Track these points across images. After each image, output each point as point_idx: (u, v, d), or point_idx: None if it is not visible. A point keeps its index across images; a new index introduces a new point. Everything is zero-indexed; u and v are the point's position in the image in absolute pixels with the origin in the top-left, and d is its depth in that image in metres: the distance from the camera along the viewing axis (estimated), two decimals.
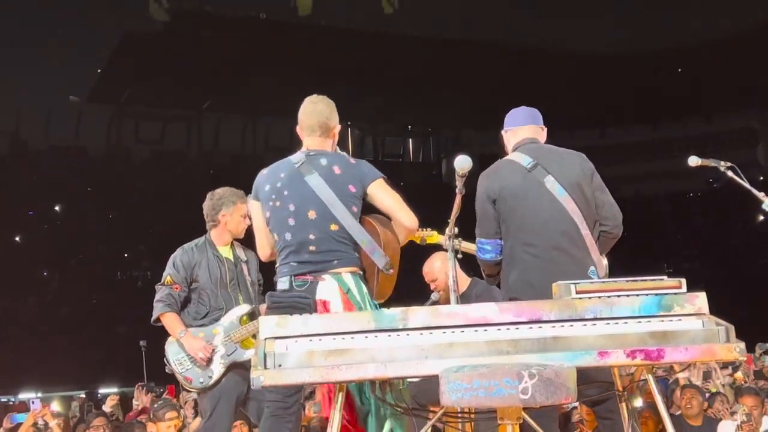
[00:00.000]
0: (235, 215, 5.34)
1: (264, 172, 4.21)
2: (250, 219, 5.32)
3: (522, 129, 4.31)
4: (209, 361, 5.11)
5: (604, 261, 4.26)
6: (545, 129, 4.37)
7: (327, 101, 4.20)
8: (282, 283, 4.04)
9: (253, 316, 5.26)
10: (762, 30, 33.22)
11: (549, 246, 4.02)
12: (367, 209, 4.09)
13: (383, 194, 4.03)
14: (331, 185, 3.95)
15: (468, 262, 4.60)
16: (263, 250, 4.26)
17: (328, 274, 3.92)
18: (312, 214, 3.96)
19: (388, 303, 3.99)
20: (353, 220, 3.94)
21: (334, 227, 3.94)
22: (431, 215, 5.42)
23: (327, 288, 3.91)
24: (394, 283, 4.03)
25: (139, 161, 35.45)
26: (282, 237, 4.04)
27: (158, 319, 5.25)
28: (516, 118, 4.35)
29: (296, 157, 4.12)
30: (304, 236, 3.97)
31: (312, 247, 3.96)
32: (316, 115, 4.14)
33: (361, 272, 4.02)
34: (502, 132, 4.40)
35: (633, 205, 27.75)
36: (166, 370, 5.29)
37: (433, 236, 5.12)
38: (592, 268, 4.02)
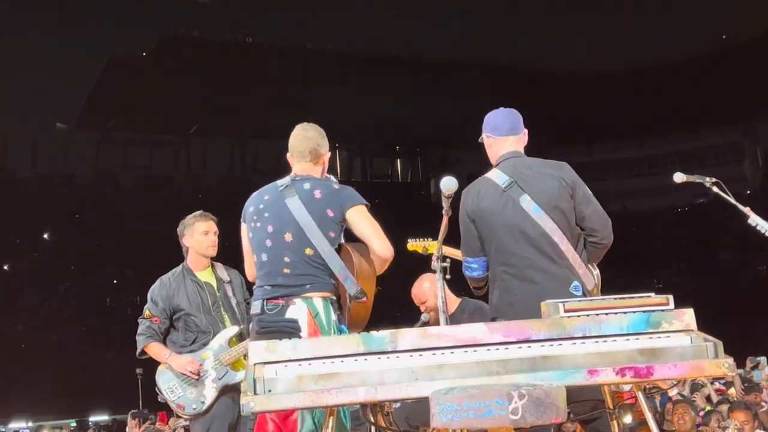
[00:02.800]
0: (195, 235, 5.39)
1: (252, 194, 4.24)
2: (215, 236, 5.38)
3: (503, 140, 4.28)
4: (200, 376, 5.11)
5: (596, 271, 4.24)
6: (526, 132, 4.32)
7: (317, 129, 4.22)
8: (255, 306, 4.06)
9: (241, 337, 5.27)
10: (745, 46, 33.53)
11: (526, 265, 4.01)
12: (351, 238, 4.09)
13: (361, 221, 4.01)
14: (309, 209, 3.96)
15: (457, 282, 4.60)
16: (249, 270, 4.26)
17: (299, 298, 3.93)
18: (288, 237, 3.97)
19: (380, 325, 3.98)
20: (328, 246, 3.93)
21: (309, 251, 3.94)
22: (420, 235, 5.44)
23: (296, 311, 3.91)
24: (369, 312, 3.99)
25: (126, 187, 35.39)
26: (260, 258, 4.07)
27: (143, 352, 5.30)
28: (498, 126, 4.29)
29: (282, 181, 4.15)
30: (280, 258, 3.98)
31: (286, 270, 3.97)
32: (307, 142, 4.16)
33: (335, 298, 4.01)
34: (483, 136, 4.35)
35: (621, 221, 27.73)
36: (159, 399, 5.29)
37: (434, 246, 5.09)
38: (575, 283, 4.00)
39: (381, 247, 3.96)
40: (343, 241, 4.06)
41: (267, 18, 32.69)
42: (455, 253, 4.45)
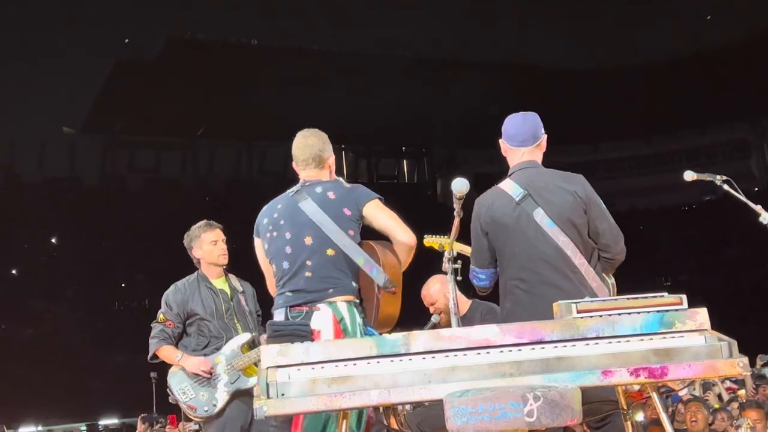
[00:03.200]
0: (204, 245, 5.42)
1: (264, 208, 4.21)
2: (223, 242, 5.40)
3: (517, 151, 4.23)
4: (212, 377, 5.13)
5: (611, 280, 4.22)
6: (545, 137, 4.27)
7: (318, 134, 4.20)
8: (278, 314, 4.01)
9: (253, 344, 5.29)
10: (752, 42, 33.44)
11: (538, 281, 3.98)
12: (369, 236, 4.07)
13: (379, 214, 4.00)
14: (325, 210, 3.94)
15: (467, 283, 4.59)
16: (270, 285, 4.19)
17: (323, 303, 3.88)
18: (308, 240, 3.94)
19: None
20: (350, 241, 3.91)
21: (330, 252, 3.92)
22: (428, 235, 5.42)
23: (321, 317, 3.86)
24: (399, 308, 3.95)
25: (134, 190, 35.45)
26: (279, 266, 4.02)
27: (155, 356, 5.33)
28: (513, 135, 4.23)
29: (292, 189, 4.14)
30: (301, 262, 3.94)
31: (308, 273, 3.92)
32: (308, 149, 4.15)
33: (358, 301, 3.98)
34: (500, 140, 4.30)
35: (628, 219, 27.79)
36: (170, 400, 5.30)
37: (448, 243, 5.04)
38: (587, 299, 3.98)
39: (404, 235, 3.94)
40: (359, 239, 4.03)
41: (273, 20, 32.74)
42: (468, 250, 4.44)
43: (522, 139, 4.23)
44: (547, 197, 4.04)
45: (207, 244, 5.41)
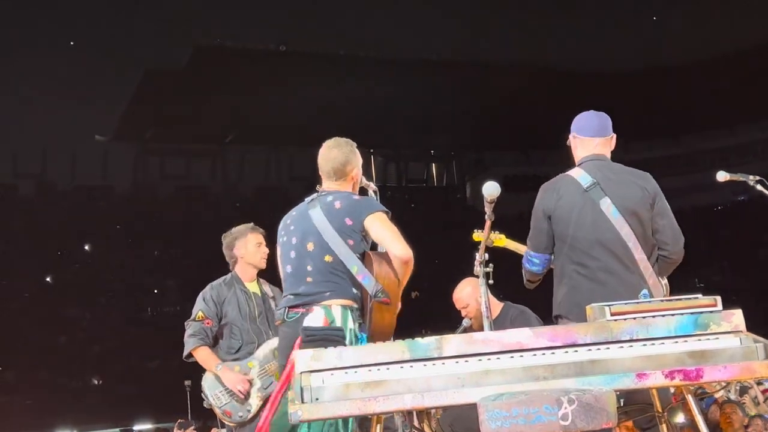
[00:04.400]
0: (249, 245, 5.44)
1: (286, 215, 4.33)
2: (266, 247, 5.42)
3: (590, 141, 4.26)
4: (248, 394, 5.13)
5: (664, 282, 4.21)
6: (614, 137, 4.31)
7: (343, 146, 4.23)
8: (277, 315, 4.16)
9: None
10: None
11: (599, 267, 4.00)
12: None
13: (376, 226, 4.01)
14: (329, 218, 4.02)
15: (499, 287, 4.58)
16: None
17: (318, 306, 3.95)
18: (310, 246, 4.04)
19: (420, 330, 3.96)
20: (346, 248, 3.97)
21: (328, 258, 3.99)
22: (457, 238, 5.42)
23: (313, 318, 3.93)
24: (394, 319, 3.95)
25: (165, 197, 35.73)
26: (285, 269, 4.17)
27: (190, 354, 5.29)
28: (585, 126, 4.29)
29: (310, 197, 4.24)
30: (303, 267, 4.05)
31: (309, 279, 4.03)
32: (330, 162, 4.20)
33: (356, 306, 4.01)
34: (570, 136, 4.34)
35: None
36: (204, 405, 5.31)
37: (501, 239, 4.99)
38: (644, 291, 3.97)
39: (397, 248, 3.92)
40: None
41: (300, 26, 32.87)
42: (521, 248, 4.44)
43: (597, 129, 4.28)
44: (615, 188, 4.06)
45: (253, 244, 5.44)
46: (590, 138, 4.26)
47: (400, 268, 3.96)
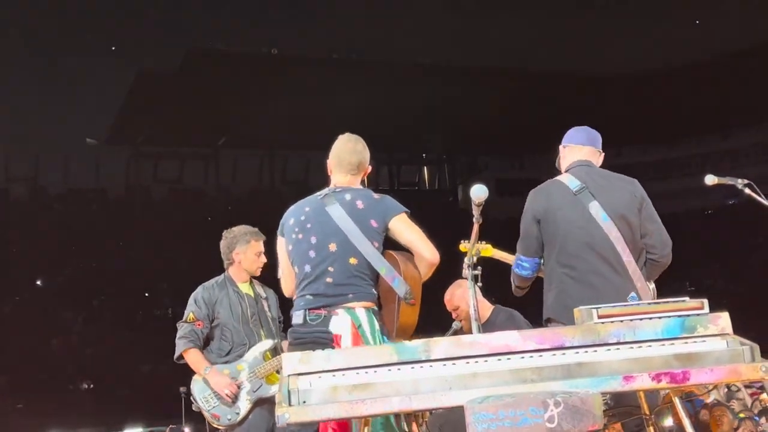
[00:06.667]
0: (249, 253, 5.40)
1: (290, 207, 4.22)
2: (265, 257, 5.39)
3: (579, 149, 4.35)
4: (235, 397, 5.12)
5: (651, 285, 4.24)
6: (603, 154, 4.42)
7: (363, 141, 4.24)
8: (297, 317, 4.04)
9: (275, 351, 5.29)
10: None
11: (588, 270, 4.04)
12: (392, 247, 4.08)
13: (404, 228, 4.01)
14: (353, 218, 3.95)
15: (489, 290, 4.59)
16: (287, 285, 4.22)
17: (341, 308, 3.89)
18: (333, 247, 3.95)
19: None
20: (373, 250, 3.93)
21: (353, 260, 3.93)
22: (449, 243, 5.42)
23: (340, 322, 3.88)
24: (417, 318, 3.95)
25: (158, 200, 35.66)
26: (302, 269, 4.04)
27: (181, 356, 5.28)
28: (576, 136, 4.42)
29: (321, 192, 4.15)
30: (323, 268, 3.96)
31: (329, 279, 3.94)
32: (356, 155, 4.16)
33: (376, 308, 3.99)
34: (560, 147, 4.44)
35: None
36: (193, 408, 5.30)
37: (487, 249, 5.01)
38: (632, 294, 4.00)
39: (427, 251, 3.95)
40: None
41: (292, 29, 32.84)
42: (508, 258, 4.46)
43: (587, 139, 4.40)
44: (604, 192, 4.12)
45: (252, 253, 5.41)
46: (580, 146, 4.33)
47: (426, 269, 3.97)
